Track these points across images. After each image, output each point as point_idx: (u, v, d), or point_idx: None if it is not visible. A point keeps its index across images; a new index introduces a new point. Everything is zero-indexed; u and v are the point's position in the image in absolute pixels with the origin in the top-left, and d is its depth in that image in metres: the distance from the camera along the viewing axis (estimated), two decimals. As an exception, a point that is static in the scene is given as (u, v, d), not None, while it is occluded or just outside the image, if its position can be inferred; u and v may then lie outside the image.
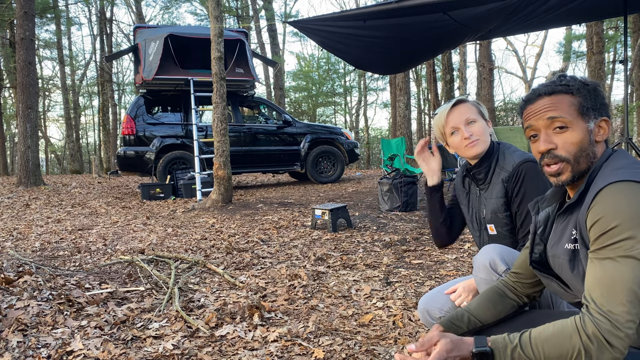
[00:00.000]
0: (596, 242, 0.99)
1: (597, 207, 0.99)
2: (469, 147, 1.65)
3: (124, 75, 29.37)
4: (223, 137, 6.66)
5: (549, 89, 1.13)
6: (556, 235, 1.17)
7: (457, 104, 1.68)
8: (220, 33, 6.59)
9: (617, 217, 0.95)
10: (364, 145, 24.56)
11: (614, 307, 0.95)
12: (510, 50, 43.65)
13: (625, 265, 0.94)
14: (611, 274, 0.96)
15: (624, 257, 0.95)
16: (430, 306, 1.72)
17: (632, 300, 0.94)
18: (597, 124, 1.11)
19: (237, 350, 2.01)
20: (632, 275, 0.94)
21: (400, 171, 6.25)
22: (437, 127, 1.73)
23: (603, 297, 0.96)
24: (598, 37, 10.49)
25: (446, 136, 1.71)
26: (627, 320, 0.94)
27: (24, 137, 9.91)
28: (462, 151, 1.68)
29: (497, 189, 1.66)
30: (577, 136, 1.09)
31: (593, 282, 0.99)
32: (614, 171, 1.02)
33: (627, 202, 0.95)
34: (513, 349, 1.03)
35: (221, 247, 4.02)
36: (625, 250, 0.95)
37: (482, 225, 1.73)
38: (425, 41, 6.16)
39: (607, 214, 0.97)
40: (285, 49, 30.23)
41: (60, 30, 21.82)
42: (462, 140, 1.66)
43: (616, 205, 0.96)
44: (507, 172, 1.63)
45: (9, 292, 2.55)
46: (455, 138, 1.67)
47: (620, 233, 0.95)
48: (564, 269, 1.14)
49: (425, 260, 3.45)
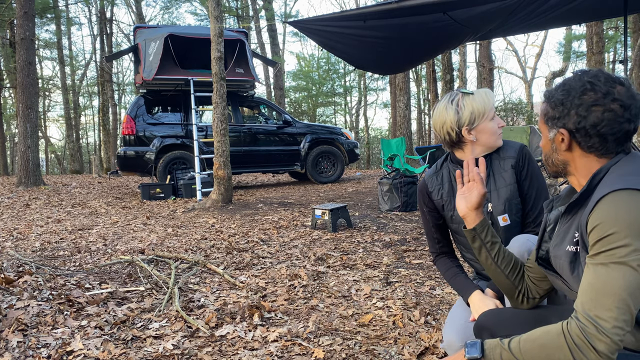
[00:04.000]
0: (593, 247, 1.00)
1: (598, 212, 0.99)
2: (500, 135, 1.70)
3: (124, 75, 29.39)
4: (223, 137, 6.66)
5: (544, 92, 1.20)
6: (559, 236, 1.17)
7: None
8: (220, 33, 6.59)
9: (616, 224, 0.96)
10: (364, 145, 24.55)
11: (601, 312, 0.95)
12: (510, 50, 43.66)
13: (617, 272, 0.94)
14: (603, 280, 0.96)
15: (617, 264, 0.95)
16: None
17: (620, 307, 0.93)
18: (557, 134, 1.13)
19: (237, 350, 2.02)
20: (623, 282, 0.94)
21: (400, 171, 6.25)
22: (481, 105, 1.65)
23: (592, 301, 0.96)
24: (598, 37, 10.49)
25: (486, 118, 1.66)
26: (613, 326, 0.93)
27: (24, 137, 9.91)
28: (494, 138, 1.68)
29: (506, 177, 1.68)
30: (543, 141, 1.19)
31: (585, 287, 0.99)
32: (620, 177, 1.02)
33: (627, 210, 0.96)
34: (502, 351, 1.05)
35: (221, 247, 4.02)
36: (619, 257, 0.95)
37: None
38: (425, 41, 6.16)
39: (606, 221, 0.97)
40: (285, 49, 30.24)
41: (60, 30, 21.81)
42: (498, 128, 1.69)
43: (616, 213, 0.96)
44: (513, 157, 1.68)
45: (9, 292, 2.56)
46: (494, 123, 1.68)
47: (616, 240, 0.95)
48: (565, 270, 1.14)
49: (425, 260, 3.45)
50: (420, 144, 23.40)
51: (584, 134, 1.08)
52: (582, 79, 1.09)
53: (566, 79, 1.14)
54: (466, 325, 1.59)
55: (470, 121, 1.66)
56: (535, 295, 1.35)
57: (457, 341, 1.55)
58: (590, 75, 1.08)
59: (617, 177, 1.02)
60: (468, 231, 1.39)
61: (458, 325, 1.59)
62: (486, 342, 1.09)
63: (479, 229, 1.37)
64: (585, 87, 1.07)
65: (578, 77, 1.10)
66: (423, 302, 2.55)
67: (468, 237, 1.40)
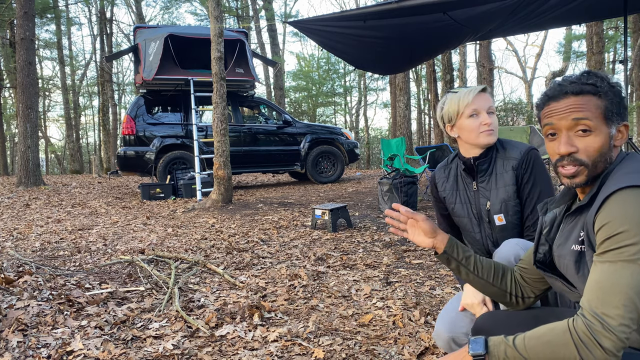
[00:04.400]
0: (601, 245, 0.99)
1: (605, 211, 0.99)
2: (486, 133, 1.67)
3: (124, 75, 29.38)
4: (223, 137, 6.66)
5: (577, 88, 1.07)
6: (563, 235, 1.17)
7: (484, 90, 1.70)
8: (220, 33, 6.59)
9: (625, 222, 0.95)
10: (364, 145, 24.56)
11: (608, 309, 0.94)
12: (510, 50, 43.68)
13: (626, 270, 0.94)
14: (610, 278, 0.96)
15: (626, 262, 0.95)
16: (455, 333, 1.60)
17: (627, 305, 0.93)
18: (618, 129, 1.09)
19: (237, 350, 2.02)
20: (632, 281, 0.94)
21: (400, 171, 6.25)
22: (456, 104, 1.69)
23: (599, 299, 0.96)
24: (598, 37, 10.49)
25: (461, 116, 1.69)
26: (620, 324, 0.93)
27: (24, 137, 9.92)
28: (474, 136, 1.68)
29: (506, 178, 1.68)
30: (600, 141, 1.06)
31: (592, 285, 0.99)
32: (626, 175, 1.02)
33: (635, 208, 0.95)
34: (507, 347, 1.03)
35: (221, 247, 4.02)
36: (629, 255, 0.94)
37: (484, 218, 1.72)
38: (425, 41, 6.16)
39: (614, 219, 0.97)
40: (285, 49, 30.25)
41: (60, 30, 21.81)
42: (480, 125, 1.67)
43: (625, 211, 0.96)
44: (516, 159, 1.67)
45: (9, 292, 2.56)
46: (474, 121, 1.67)
47: (626, 238, 0.95)
48: (569, 269, 1.14)
49: (425, 260, 3.45)
50: (420, 144, 23.41)
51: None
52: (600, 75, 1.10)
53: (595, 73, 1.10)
54: (456, 316, 1.62)
55: (449, 118, 1.73)
56: (530, 295, 1.34)
57: (445, 331, 1.60)
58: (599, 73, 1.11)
59: (623, 175, 1.02)
60: (441, 256, 1.39)
61: (448, 316, 1.64)
62: (490, 338, 1.07)
63: (449, 249, 1.38)
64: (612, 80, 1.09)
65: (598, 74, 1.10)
66: (423, 302, 2.55)
67: (443, 262, 1.41)
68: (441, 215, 1.87)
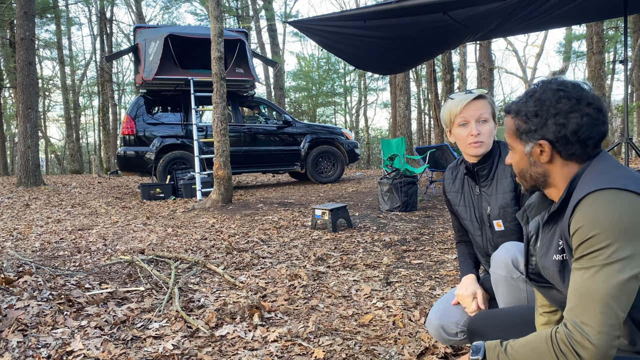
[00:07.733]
0: (576, 251, 0.99)
1: (577, 216, 0.99)
2: (472, 145, 1.65)
3: (124, 75, 29.39)
4: (223, 137, 6.66)
5: (506, 108, 1.16)
6: (544, 246, 1.16)
7: (477, 98, 1.66)
8: (220, 33, 6.59)
9: (595, 226, 0.95)
10: (364, 145, 24.56)
11: (586, 318, 0.94)
12: (510, 50, 43.69)
13: (600, 275, 0.94)
14: (586, 285, 0.95)
15: (600, 267, 0.94)
16: (445, 321, 1.68)
17: (605, 312, 0.92)
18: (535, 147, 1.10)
19: (237, 350, 2.01)
20: (607, 286, 0.93)
21: (400, 171, 6.25)
22: (448, 113, 1.70)
23: (577, 308, 0.96)
24: (598, 37, 10.50)
25: (453, 124, 1.69)
26: (598, 332, 0.92)
27: (24, 137, 9.92)
28: (463, 146, 1.68)
29: (505, 184, 1.67)
30: (516, 157, 1.15)
31: (570, 292, 0.99)
32: (594, 178, 1.01)
33: (605, 211, 0.95)
34: (499, 352, 1.08)
35: (221, 247, 4.02)
36: (602, 259, 0.94)
37: (485, 222, 1.72)
38: (425, 41, 6.16)
39: (586, 223, 0.96)
40: (285, 49, 30.24)
41: (60, 30, 21.81)
42: (468, 136, 1.65)
43: (595, 215, 0.95)
44: None
45: (9, 292, 2.55)
46: (462, 131, 1.66)
47: (597, 242, 0.94)
48: (555, 280, 1.13)
49: (425, 260, 3.45)
50: (420, 144, 23.41)
51: (564, 142, 1.06)
52: (550, 87, 1.08)
53: (531, 91, 1.11)
54: (447, 307, 1.72)
55: (445, 124, 1.74)
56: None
57: (435, 319, 1.70)
58: (556, 83, 1.08)
59: (592, 178, 1.02)
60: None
61: (441, 306, 1.73)
62: (486, 343, 1.11)
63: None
64: (559, 94, 1.06)
65: (546, 87, 1.09)
66: (423, 302, 2.55)
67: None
68: (452, 213, 1.89)
